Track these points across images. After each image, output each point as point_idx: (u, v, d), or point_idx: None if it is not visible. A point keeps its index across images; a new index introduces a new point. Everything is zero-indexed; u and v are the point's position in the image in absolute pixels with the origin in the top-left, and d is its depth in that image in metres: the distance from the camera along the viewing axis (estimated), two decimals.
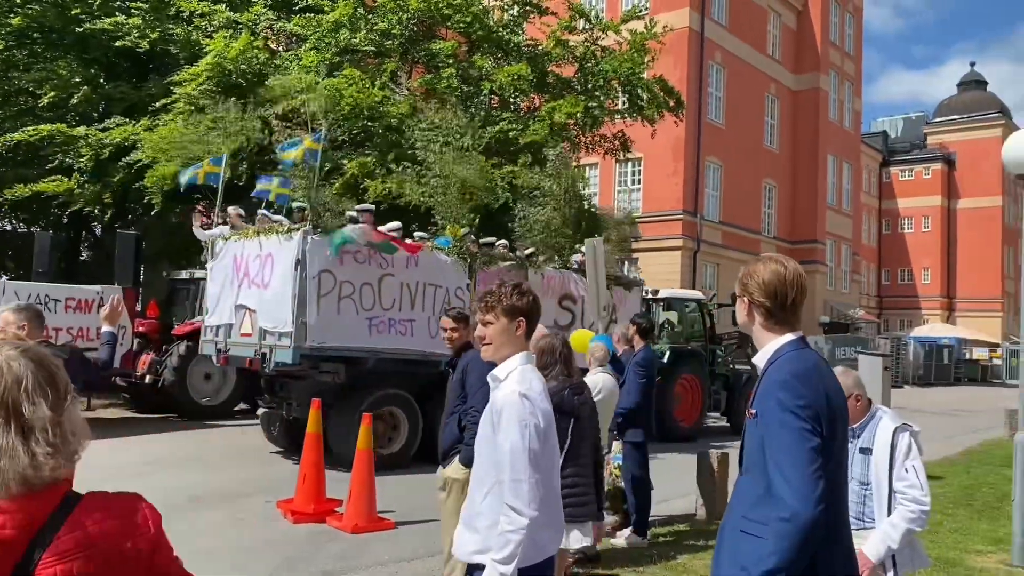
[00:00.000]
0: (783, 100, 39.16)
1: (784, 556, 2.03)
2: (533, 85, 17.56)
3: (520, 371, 2.65)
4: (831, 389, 2.24)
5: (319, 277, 9.34)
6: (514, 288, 2.77)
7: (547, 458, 2.57)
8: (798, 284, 2.32)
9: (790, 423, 2.11)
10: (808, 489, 2.04)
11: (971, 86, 65.55)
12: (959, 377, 44.34)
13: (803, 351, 2.30)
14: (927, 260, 60.35)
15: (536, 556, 2.53)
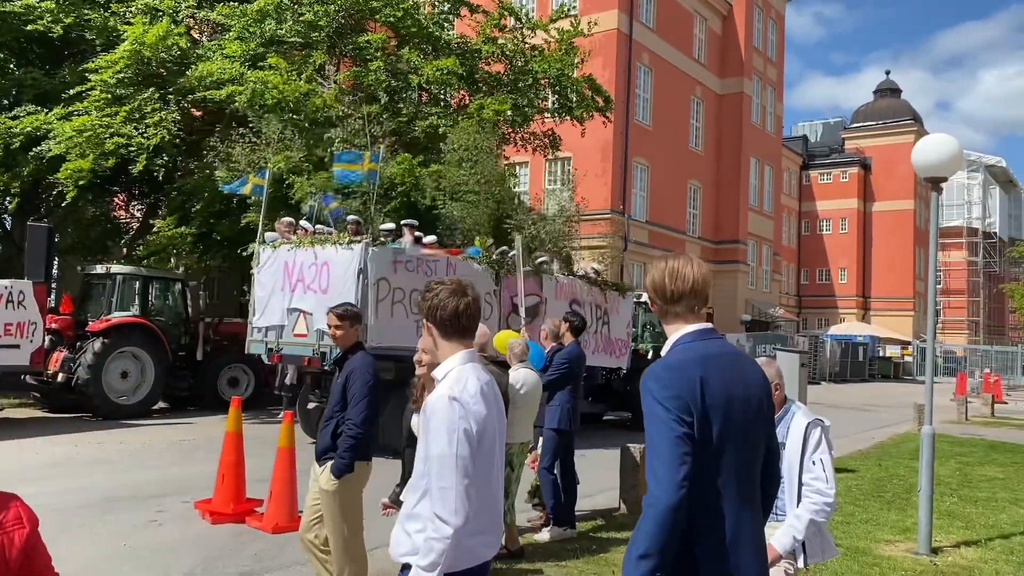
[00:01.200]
0: (708, 103, 39.99)
1: (650, 540, 2.07)
2: (462, 80, 17.51)
3: (457, 371, 2.58)
4: (717, 380, 2.22)
5: (378, 284, 10.64)
6: (428, 291, 2.71)
7: (482, 463, 2.51)
8: (680, 276, 2.37)
9: (657, 412, 2.17)
10: (669, 476, 2.08)
11: (886, 93, 68.14)
12: (873, 374, 46.02)
13: (695, 342, 2.31)
14: (844, 261, 62.48)
15: (468, 562, 2.49)
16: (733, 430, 2.24)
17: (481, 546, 2.54)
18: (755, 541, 2.32)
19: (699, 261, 2.48)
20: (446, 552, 2.36)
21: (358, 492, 4.65)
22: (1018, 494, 10.05)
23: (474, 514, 2.43)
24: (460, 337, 2.66)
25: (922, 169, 7.06)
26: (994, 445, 15.28)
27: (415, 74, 17.06)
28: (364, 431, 4.43)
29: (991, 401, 24.05)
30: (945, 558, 6.74)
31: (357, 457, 4.45)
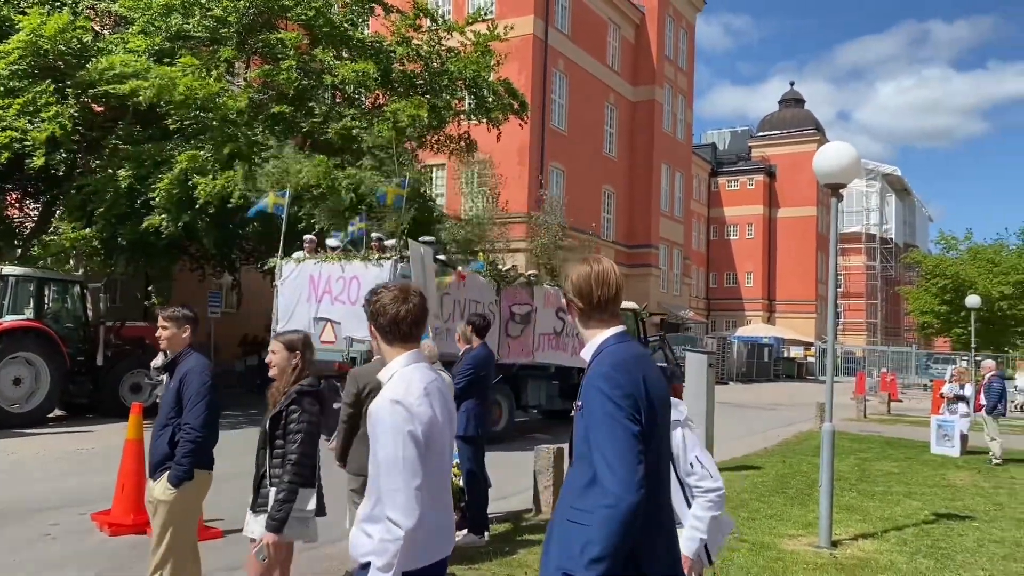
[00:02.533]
0: (621, 110, 40.68)
1: (609, 542, 2.09)
2: (378, 82, 17.32)
3: (399, 374, 2.59)
4: (651, 379, 2.33)
5: None
6: (372, 294, 2.72)
7: (432, 463, 2.52)
8: (605, 281, 2.42)
9: (611, 412, 2.20)
10: (629, 476, 2.12)
11: (791, 104, 70.71)
12: (778, 374, 47.58)
13: (624, 344, 2.40)
14: (750, 265, 64.51)
15: (426, 559, 2.50)
16: (660, 427, 2.36)
17: (438, 544, 2.57)
18: (673, 533, 2.45)
19: (614, 264, 2.53)
20: (400, 553, 2.37)
21: (197, 503, 4.41)
22: (912, 488, 10.54)
23: (427, 513, 2.45)
24: (403, 342, 2.66)
25: (822, 176, 7.34)
26: (890, 441, 15.99)
27: (329, 74, 16.79)
28: (204, 435, 4.20)
29: (888, 399, 25.20)
30: (844, 551, 7.00)
31: (197, 464, 4.21)
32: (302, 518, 3.96)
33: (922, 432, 15.94)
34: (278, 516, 3.83)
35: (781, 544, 7.14)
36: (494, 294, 13.70)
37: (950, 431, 14.24)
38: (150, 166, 15.31)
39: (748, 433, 16.98)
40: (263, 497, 4.06)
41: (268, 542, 3.81)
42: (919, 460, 13.28)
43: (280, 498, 3.86)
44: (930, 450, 14.27)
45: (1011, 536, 7.87)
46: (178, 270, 19.08)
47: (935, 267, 35.76)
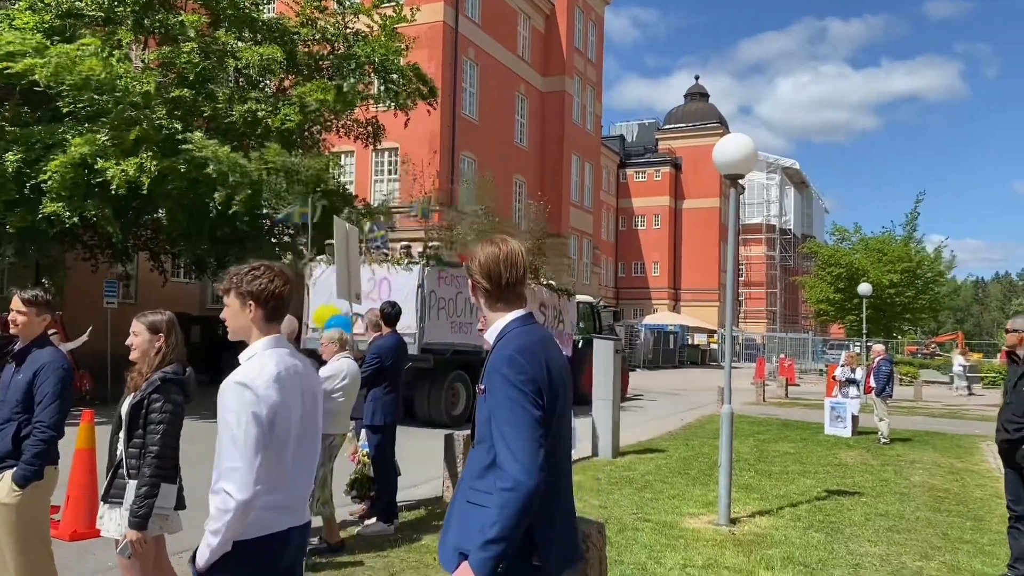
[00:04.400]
0: (532, 100, 40.90)
1: (506, 524, 2.12)
2: (283, 66, 16.91)
3: (258, 358, 2.63)
4: (554, 363, 2.37)
5: (429, 295, 13.96)
6: (249, 270, 2.70)
7: (276, 446, 2.56)
8: (513, 263, 2.44)
9: (514, 396, 2.22)
10: (530, 460, 2.15)
11: (696, 97, 72.44)
12: (682, 360, 48.91)
13: (529, 327, 2.42)
14: (656, 255, 65.97)
15: (260, 530, 2.55)
16: (563, 409, 2.40)
17: (276, 518, 2.60)
18: (572, 517, 2.50)
19: (521, 244, 2.54)
20: (231, 522, 2.44)
21: (46, 501, 4.13)
22: (806, 467, 11.03)
23: (267, 492, 2.51)
24: (268, 322, 2.69)
25: (722, 167, 7.58)
26: (787, 423, 16.68)
27: (232, 57, 16.29)
28: (56, 434, 3.94)
29: (785, 384, 26.23)
30: (742, 527, 7.29)
31: (46, 462, 3.95)
32: (162, 514, 3.80)
33: (817, 414, 16.68)
34: (140, 513, 3.65)
35: (683, 523, 7.37)
36: None
37: (842, 413, 14.94)
38: (40, 149, 14.55)
39: (653, 418, 17.41)
40: (117, 488, 3.86)
41: (132, 540, 3.68)
42: (813, 441, 13.89)
43: (141, 493, 3.67)
44: (824, 431, 14.95)
45: (895, 510, 8.34)
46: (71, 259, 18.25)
47: (830, 257, 37.30)
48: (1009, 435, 5.59)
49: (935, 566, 6.27)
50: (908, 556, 6.53)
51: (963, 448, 13.60)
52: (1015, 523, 5.79)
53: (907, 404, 23.43)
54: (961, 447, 13.75)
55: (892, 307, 35.78)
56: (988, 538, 7.13)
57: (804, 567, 6.07)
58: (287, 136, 16.47)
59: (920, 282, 36.12)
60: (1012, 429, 5.57)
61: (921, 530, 7.46)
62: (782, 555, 6.36)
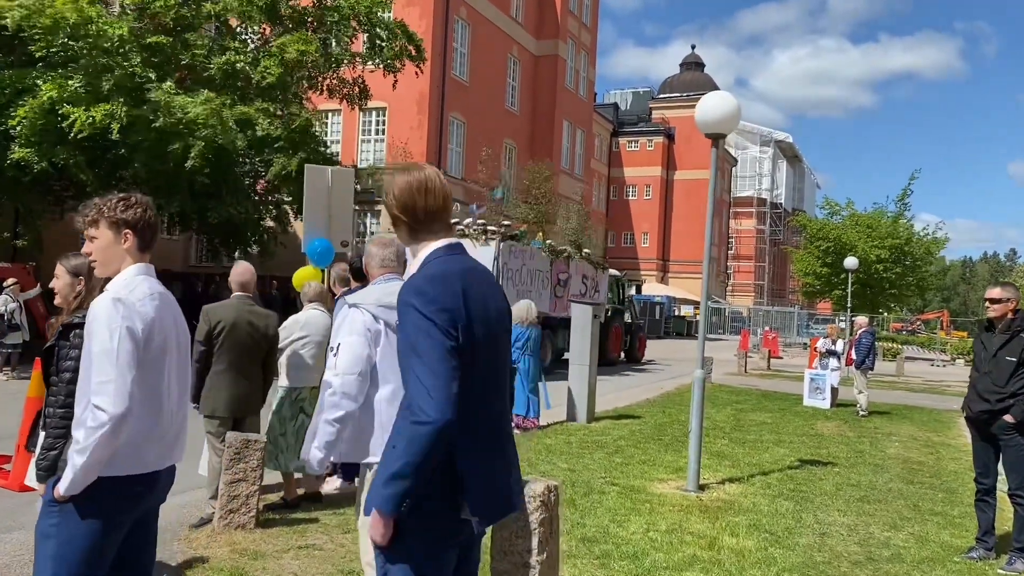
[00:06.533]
0: (524, 63, 40.34)
1: (412, 460, 1.98)
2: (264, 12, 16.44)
3: (126, 277, 2.60)
4: (478, 294, 2.20)
5: (504, 267, 15.90)
6: (119, 200, 2.66)
7: (151, 366, 2.48)
8: (430, 190, 2.28)
9: (422, 326, 2.06)
10: (441, 393, 2.00)
11: (691, 67, 71.79)
12: (668, 331, 48.90)
13: (453, 256, 2.26)
14: (646, 225, 65.69)
15: (134, 467, 2.43)
16: (490, 342, 2.23)
17: (151, 454, 2.48)
18: (510, 457, 2.35)
19: (438, 171, 2.37)
20: (103, 440, 2.31)
21: None
22: (782, 437, 10.93)
23: (140, 417, 2.40)
24: (148, 251, 2.70)
25: (703, 125, 7.35)
26: (766, 394, 16.61)
27: (210, 2, 15.84)
28: None
29: (768, 356, 26.21)
30: (710, 494, 7.16)
31: None
32: None
33: (798, 386, 16.61)
34: (42, 466, 3.44)
35: (650, 488, 7.24)
36: (548, 265, 17.97)
37: (822, 384, 14.87)
38: (10, 94, 14.17)
39: (633, 385, 17.33)
40: (34, 438, 3.68)
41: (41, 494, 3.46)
42: (792, 412, 13.81)
43: (45, 445, 3.48)
44: (803, 402, 14.88)
45: (867, 480, 8.24)
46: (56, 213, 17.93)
47: (819, 231, 37.20)
48: (990, 405, 5.44)
49: (903, 537, 6.15)
50: (876, 526, 6.42)
51: (941, 422, 13.55)
52: (983, 496, 5.67)
53: (888, 379, 23.44)
54: (939, 421, 13.70)
55: (879, 283, 35.78)
56: (959, 511, 7.03)
57: (770, 534, 5.95)
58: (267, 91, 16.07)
59: (908, 260, 36.07)
60: (994, 399, 5.42)
61: (892, 501, 7.36)
62: (748, 522, 6.23)
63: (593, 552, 5.27)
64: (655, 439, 9.98)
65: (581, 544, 5.41)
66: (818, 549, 5.68)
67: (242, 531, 5.24)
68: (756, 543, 5.69)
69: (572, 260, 19.32)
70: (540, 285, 17.64)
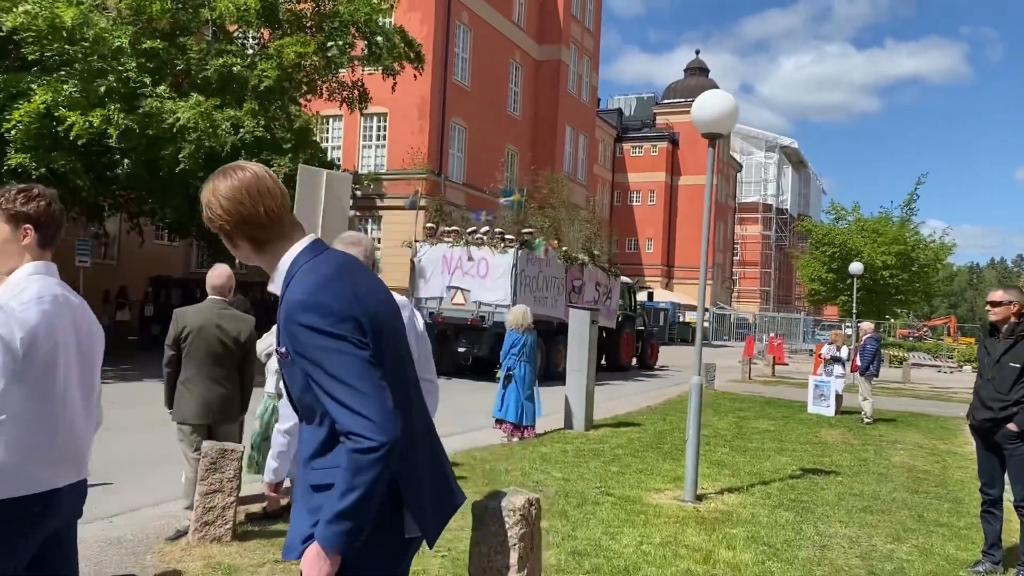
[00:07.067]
0: (527, 68, 40.20)
1: (363, 492, 1.71)
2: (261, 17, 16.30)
3: (16, 279, 2.34)
4: (365, 288, 1.93)
5: (521, 274, 16.88)
6: (19, 192, 2.40)
7: (38, 377, 2.23)
8: (264, 189, 1.93)
9: (329, 345, 1.77)
10: (378, 410, 1.73)
11: (695, 72, 71.63)
12: (672, 337, 48.61)
13: (321, 257, 1.93)
14: (651, 231, 65.43)
15: (25, 487, 2.19)
16: (394, 340, 1.97)
17: (45, 472, 2.25)
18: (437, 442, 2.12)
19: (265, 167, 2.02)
20: None
21: None
22: (784, 445, 10.70)
23: (29, 432, 2.18)
24: (50, 248, 2.45)
25: (701, 124, 7.16)
26: (770, 401, 16.38)
27: (207, 7, 15.71)
28: None
29: (772, 362, 25.95)
30: (708, 504, 6.94)
31: None
32: None
33: (802, 393, 16.36)
34: None
35: (646, 498, 7.03)
36: (563, 272, 18.81)
37: (826, 391, 14.63)
38: (4, 99, 14.06)
39: (634, 392, 17.12)
40: None
41: None
42: (795, 419, 13.58)
43: None
44: (807, 410, 14.64)
45: (870, 490, 8.01)
46: None
47: (824, 236, 36.91)
48: (994, 413, 5.22)
49: (906, 549, 5.93)
50: (880, 538, 6.20)
51: (947, 430, 13.30)
52: (989, 507, 5.44)
53: (895, 385, 23.16)
54: (945, 428, 13.45)
55: (885, 289, 35.45)
56: (965, 521, 6.80)
57: (768, 547, 5.73)
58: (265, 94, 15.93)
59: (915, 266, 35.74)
60: (997, 407, 5.20)
61: (896, 512, 7.13)
62: (746, 534, 6.01)
63: (583, 566, 5.06)
64: (654, 447, 9.77)
65: (571, 558, 5.21)
66: (818, 563, 5.46)
67: (218, 544, 5.04)
68: (753, 556, 5.48)
69: (586, 267, 19.92)
70: (556, 292, 18.32)
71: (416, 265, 17.79)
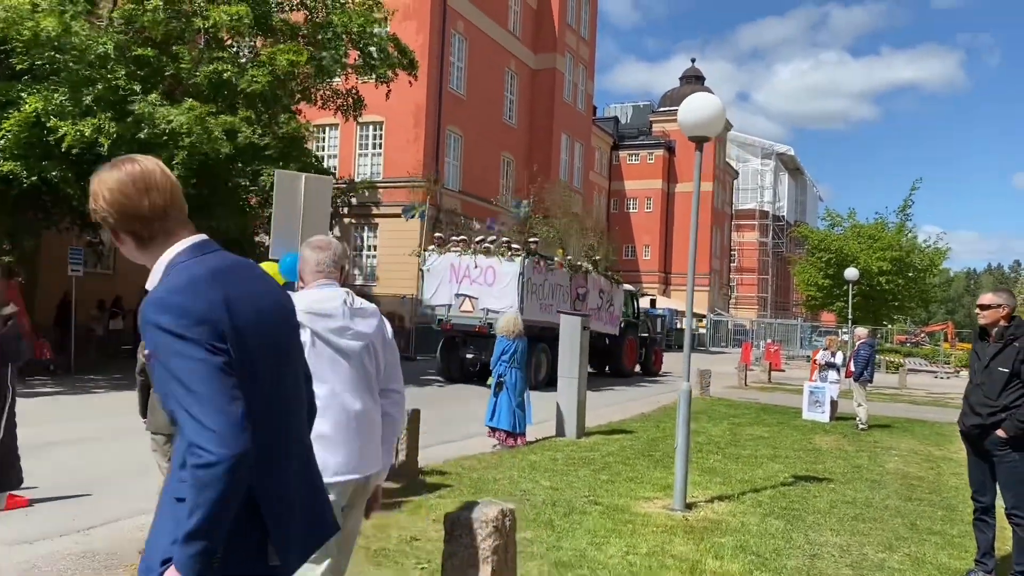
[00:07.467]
0: (522, 77, 40.21)
1: (209, 510, 1.59)
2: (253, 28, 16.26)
3: None
4: (244, 293, 1.83)
5: (527, 282, 17.23)
6: None
7: None
8: (153, 185, 1.84)
9: (180, 349, 1.66)
10: (224, 422, 1.62)
11: (691, 80, 71.63)
12: (670, 344, 48.47)
13: (201, 258, 1.85)
14: (648, 238, 65.43)
15: None
16: (273, 347, 1.88)
17: None
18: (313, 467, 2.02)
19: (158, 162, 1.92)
20: None
21: None
22: (778, 451, 10.60)
23: None
24: None
25: (687, 127, 7.08)
26: (765, 408, 16.27)
27: (199, 16, 15.65)
28: None
29: (769, 368, 25.85)
30: (698, 513, 6.84)
31: None
32: None
33: (798, 399, 16.27)
34: None
35: (635, 507, 6.93)
36: (568, 280, 19.23)
37: (821, 397, 14.54)
38: None
39: (629, 399, 17.02)
40: None
41: None
42: (790, 425, 13.48)
43: None
44: (802, 416, 14.54)
45: (863, 497, 7.91)
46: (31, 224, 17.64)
47: (820, 242, 36.90)
48: (982, 419, 5.13)
49: (898, 558, 5.83)
50: (871, 547, 6.10)
51: (943, 435, 13.20)
52: (981, 515, 5.34)
53: (891, 391, 23.07)
54: (941, 434, 13.35)
55: (881, 294, 35.41)
56: (958, 529, 6.70)
57: (756, 557, 5.63)
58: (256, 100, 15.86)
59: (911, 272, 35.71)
60: (986, 413, 5.10)
61: (888, 519, 7.04)
62: (735, 543, 5.91)
63: None
64: (645, 455, 9.66)
65: (554, 569, 5.10)
66: (806, 573, 5.37)
67: None
68: (741, 566, 5.38)
69: (589, 275, 20.39)
70: (561, 299, 18.72)
71: (425, 274, 18.37)
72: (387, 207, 31.39)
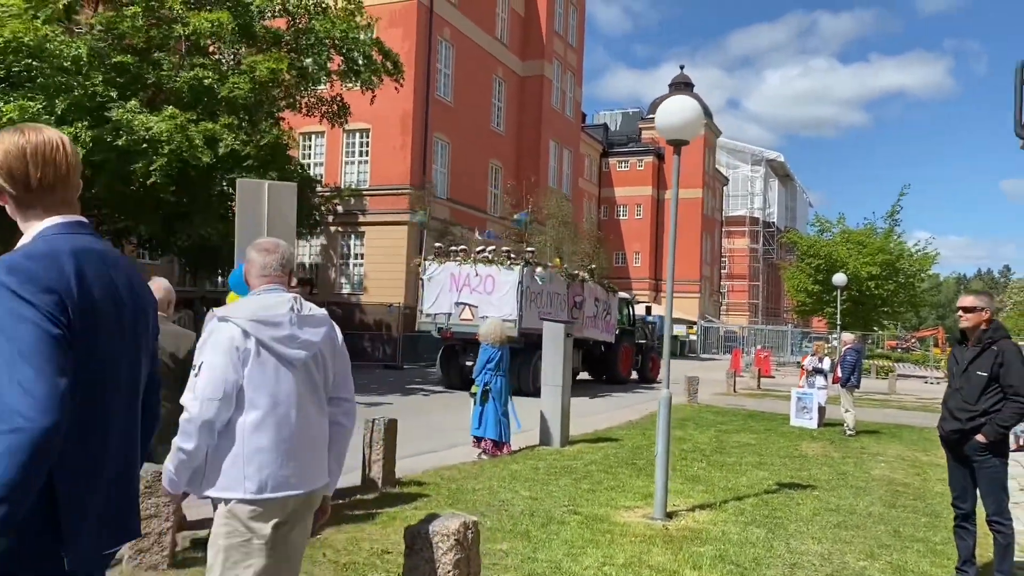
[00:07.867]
0: (510, 84, 40.19)
1: (13, 476, 1.55)
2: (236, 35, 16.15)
3: None
4: (98, 275, 1.84)
5: (527, 290, 17.48)
6: None
7: None
8: (49, 159, 1.86)
9: (22, 311, 1.66)
10: (45, 391, 1.61)
11: (680, 87, 71.60)
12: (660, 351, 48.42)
13: (68, 235, 1.86)
14: (638, 245, 65.43)
15: None
16: (117, 334, 1.88)
17: None
18: (134, 471, 2.00)
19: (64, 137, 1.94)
20: None
21: None
22: (764, 458, 10.50)
23: None
24: None
25: (664, 131, 6.99)
26: (753, 414, 16.19)
27: (180, 23, 15.53)
28: None
29: (758, 375, 25.78)
30: (678, 522, 6.73)
31: None
32: None
33: (787, 406, 16.16)
34: None
35: (614, 516, 6.81)
36: (565, 288, 19.46)
37: (808, 403, 14.45)
38: None
39: (616, 407, 16.91)
40: None
41: None
42: (777, 432, 13.38)
43: None
44: (789, 422, 14.45)
45: (847, 504, 7.81)
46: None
47: (810, 247, 36.91)
48: (961, 424, 5.03)
49: (879, 567, 5.73)
50: (852, 555, 6.00)
51: (930, 441, 13.10)
52: (961, 521, 5.24)
53: (880, 396, 23.01)
54: (929, 440, 13.25)
55: (871, 300, 35.41)
56: (942, 536, 6.60)
57: (735, 566, 5.52)
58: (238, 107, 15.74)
59: (900, 277, 35.73)
60: (965, 418, 5.01)
61: (871, 527, 6.94)
62: (714, 553, 5.80)
63: None
64: (629, 463, 9.54)
65: None
66: None
67: (153, 572, 4.80)
68: None
69: (586, 284, 20.72)
70: (558, 307, 18.91)
71: (425, 283, 18.66)
72: (374, 214, 31.29)
